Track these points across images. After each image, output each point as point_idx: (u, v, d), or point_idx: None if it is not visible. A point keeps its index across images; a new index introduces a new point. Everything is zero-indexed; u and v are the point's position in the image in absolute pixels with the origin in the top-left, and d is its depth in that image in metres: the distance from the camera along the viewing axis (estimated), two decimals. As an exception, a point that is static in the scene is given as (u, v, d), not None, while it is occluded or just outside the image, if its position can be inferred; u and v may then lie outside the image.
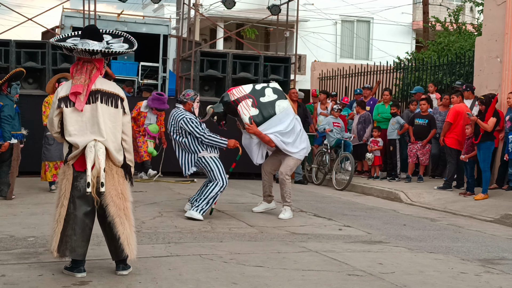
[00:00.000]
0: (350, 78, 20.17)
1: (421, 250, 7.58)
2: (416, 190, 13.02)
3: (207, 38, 35.54)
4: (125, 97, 5.89)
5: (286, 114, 9.54)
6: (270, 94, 9.56)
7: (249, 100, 9.38)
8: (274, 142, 9.45)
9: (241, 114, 9.33)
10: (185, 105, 9.31)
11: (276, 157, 9.88)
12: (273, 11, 18.63)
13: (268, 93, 9.55)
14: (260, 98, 9.45)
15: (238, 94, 9.45)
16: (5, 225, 8.10)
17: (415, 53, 23.67)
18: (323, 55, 31.87)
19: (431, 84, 15.72)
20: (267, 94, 9.54)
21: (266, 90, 9.59)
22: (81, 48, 5.62)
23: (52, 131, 5.85)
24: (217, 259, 6.56)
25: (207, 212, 9.14)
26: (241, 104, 9.35)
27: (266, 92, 9.55)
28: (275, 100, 9.51)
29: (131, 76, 17.74)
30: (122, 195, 5.75)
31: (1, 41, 14.81)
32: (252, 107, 9.36)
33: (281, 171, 9.74)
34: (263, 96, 9.49)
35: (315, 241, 7.89)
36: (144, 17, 19.99)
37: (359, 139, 15.55)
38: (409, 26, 35.53)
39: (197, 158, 9.19)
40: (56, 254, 5.66)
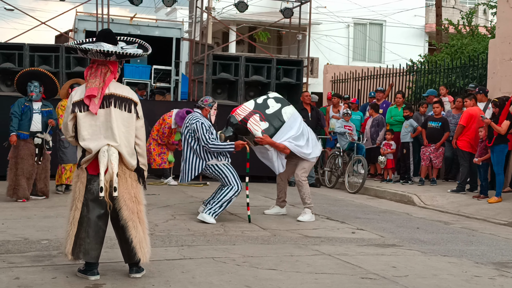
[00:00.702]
0: (362, 81, 20.12)
1: (434, 254, 7.55)
2: (429, 193, 12.97)
3: (219, 41, 35.59)
4: (138, 101, 5.90)
5: (294, 119, 9.63)
6: (274, 104, 9.62)
7: (256, 116, 9.42)
8: (289, 148, 9.48)
9: (252, 131, 9.35)
10: (203, 110, 9.35)
11: (291, 162, 9.90)
12: (285, 14, 18.64)
13: (271, 104, 9.61)
14: (266, 110, 9.51)
15: (243, 113, 9.46)
16: (19, 228, 8.13)
17: (428, 55, 23.58)
18: (336, 58, 31.83)
19: (443, 87, 15.66)
20: (271, 105, 9.59)
21: (269, 101, 9.65)
22: (95, 50, 5.64)
23: (67, 135, 5.88)
24: (230, 262, 6.56)
25: (224, 217, 9.15)
26: (249, 121, 9.37)
27: (269, 104, 9.61)
28: (280, 108, 9.58)
29: (144, 79, 17.80)
30: (135, 198, 5.77)
31: (15, 45, 14.91)
32: (261, 121, 9.39)
33: (297, 174, 9.78)
34: (268, 108, 9.55)
35: (328, 244, 7.87)
36: (157, 21, 20.07)
37: (372, 142, 15.50)
38: (422, 29, 35.42)
39: (205, 165, 9.19)
40: (70, 256, 5.68)
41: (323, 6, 31.81)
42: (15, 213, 9.38)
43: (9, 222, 8.54)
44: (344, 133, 14.91)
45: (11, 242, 7.16)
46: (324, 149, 16.18)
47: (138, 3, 17.37)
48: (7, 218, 8.92)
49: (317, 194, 13.58)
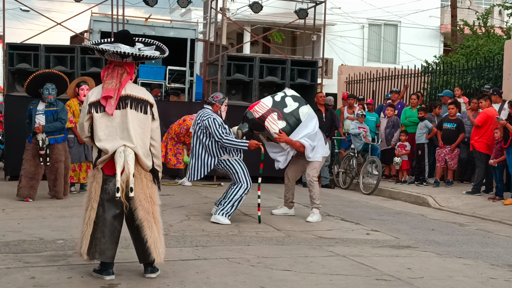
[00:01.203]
0: (377, 82, 20.08)
1: (449, 255, 7.52)
2: (444, 194, 12.92)
3: (234, 42, 35.62)
4: (154, 103, 5.92)
5: (310, 118, 9.69)
6: (292, 103, 9.62)
7: (274, 114, 9.43)
8: (304, 147, 9.51)
9: (269, 129, 9.37)
10: (213, 106, 9.35)
11: (299, 162, 9.94)
12: (300, 15, 18.61)
13: (289, 103, 9.61)
14: (284, 109, 9.52)
15: (261, 110, 9.47)
16: (35, 227, 8.17)
17: (443, 56, 23.51)
18: (350, 59, 31.77)
19: (457, 88, 15.60)
20: (289, 104, 9.60)
21: (286, 99, 9.64)
22: (112, 51, 5.66)
23: (83, 136, 5.90)
24: (244, 263, 6.56)
25: (239, 218, 9.15)
26: (267, 120, 9.39)
27: (287, 102, 9.61)
28: (297, 108, 9.60)
29: (158, 80, 17.84)
30: (150, 198, 5.79)
31: (30, 46, 14.98)
32: (279, 120, 9.40)
33: (308, 174, 9.81)
34: (286, 107, 9.55)
35: (343, 245, 7.86)
36: (171, 22, 20.07)
37: (387, 143, 15.46)
38: (437, 30, 35.31)
39: (217, 162, 9.19)
40: (86, 256, 5.70)
41: (338, 7, 31.77)
42: (31, 213, 9.43)
43: (25, 222, 8.58)
44: (359, 134, 14.88)
45: (26, 242, 7.20)
46: (338, 150, 16.17)
47: (153, 4, 17.41)
48: (22, 218, 8.97)
49: (332, 195, 13.56)
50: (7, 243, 7.10)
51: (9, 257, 6.44)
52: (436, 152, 14.26)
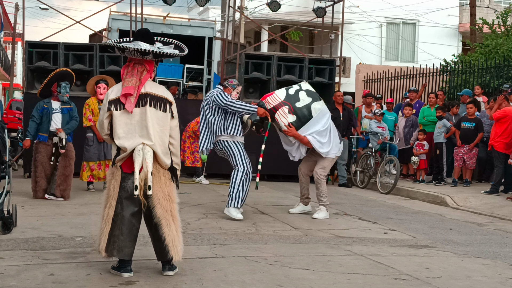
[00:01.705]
0: (395, 81, 20.02)
1: (468, 255, 7.49)
2: (462, 194, 12.86)
3: (251, 41, 35.63)
4: (173, 101, 5.93)
5: (322, 115, 9.67)
6: (305, 98, 9.57)
7: (285, 107, 9.43)
8: (311, 143, 9.50)
9: (279, 122, 9.39)
10: (225, 89, 9.47)
11: (312, 158, 9.95)
12: (318, 13, 18.60)
13: (302, 97, 9.56)
14: (296, 103, 9.49)
15: (273, 102, 9.48)
16: (54, 224, 8.23)
17: (462, 55, 23.39)
18: (368, 58, 31.69)
19: (478, 87, 15.51)
20: (302, 98, 9.55)
21: (300, 93, 9.59)
22: (133, 48, 5.69)
23: (102, 133, 5.93)
24: (262, 261, 6.57)
25: (256, 216, 9.16)
26: (278, 112, 9.40)
27: (300, 96, 9.56)
28: (310, 103, 9.54)
29: (176, 78, 17.90)
30: (168, 196, 5.81)
31: (50, 44, 15.07)
32: (289, 114, 9.41)
33: (316, 171, 9.87)
34: (298, 101, 9.51)
35: (360, 244, 7.85)
36: (189, 20, 20.14)
37: (406, 143, 15.40)
38: (456, 29, 35.12)
39: (215, 139, 9.32)
40: (104, 253, 5.73)
41: (356, 5, 31.68)
42: (50, 210, 9.49)
43: (44, 219, 8.64)
44: (377, 133, 14.84)
45: (45, 239, 7.25)
46: (356, 149, 16.14)
47: (171, 3, 17.46)
48: (41, 215, 9.03)
49: (349, 194, 13.54)
50: (26, 240, 7.15)
51: (28, 254, 6.49)
52: (454, 151, 14.19)
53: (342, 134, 14.98)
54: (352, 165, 16.10)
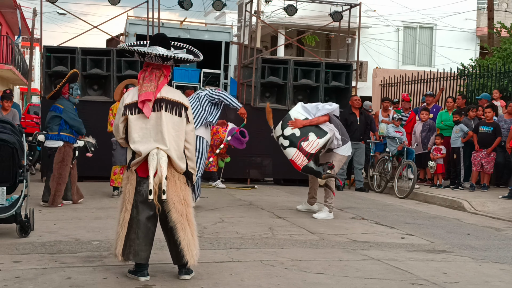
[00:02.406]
0: (412, 85, 19.95)
1: (486, 260, 7.43)
2: (480, 199, 12.77)
3: (268, 45, 35.66)
4: (189, 106, 5.95)
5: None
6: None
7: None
8: (328, 116, 9.94)
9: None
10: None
11: (323, 159, 10.14)
12: (335, 17, 18.56)
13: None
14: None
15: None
16: (71, 228, 8.26)
17: (480, 59, 23.27)
18: (385, 62, 31.61)
19: (496, 91, 15.42)
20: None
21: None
22: (155, 54, 5.71)
23: (117, 137, 5.96)
24: (278, 266, 6.56)
25: (272, 221, 9.13)
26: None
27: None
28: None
29: (193, 82, 17.90)
30: (184, 200, 5.82)
31: (67, 48, 15.14)
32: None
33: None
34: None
35: (377, 249, 7.81)
36: (206, 25, 20.14)
37: (423, 147, 15.32)
38: (473, 33, 34.96)
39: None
40: (121, 257, 5.75)
41: (373, 9, 31.62)
42: (67, 214, 9.54)
43: (61, 223, 8.68)
44: (394, 137, 14.77)
45: (62, 243, 7.28)
46: (373, 153, 16.09)
47: (188, 7, 17.49)
48: (59, 219, 9.07)
49: (366, 199, 13.50)
50: (43, 244, 7.19)
51: (46, 258, 6.52)
52: (472, 156, 14.11)
53: (359, 139, 14.97)
54: (369, 169, 16.05)
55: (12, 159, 7.65)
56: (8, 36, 31.68)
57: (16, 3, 30.38)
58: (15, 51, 32.98)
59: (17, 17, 31.91)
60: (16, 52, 33.64)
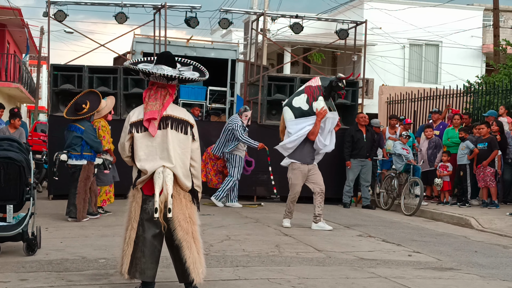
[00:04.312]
0: (418, 102, 19.94)
1: (493, 278, 7.40)
2: (487, 216, 12.73)
3: (274, 63, 35.73)
4: (195, 123, 5.96)
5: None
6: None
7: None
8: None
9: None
10: (240, 115, 13.64)
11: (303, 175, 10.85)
12: (340, 35, 18.62)
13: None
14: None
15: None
16: (77, 246, 8.26)
17: (486, 76, 23.25)
18: (391, 79, 31.63)
19: (502, 107, 15.42)
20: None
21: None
22: (159, 74, 5.73)
23: (123, 155, 5.97)
24: (285, 283, 6.54)
25: (279, 239, 9.11)
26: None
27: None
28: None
29: (199, 100, 17.96)
30: (190, 218, 5.81)
31: (74, 67, 15.22)
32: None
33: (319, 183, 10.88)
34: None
35: (384, 267, 7.79)
36: (212, 43, 20.24)
37: (430, 164, 15.29)
38: (479, 50, 34.99)
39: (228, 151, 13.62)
40: (127, 276, 5.74)
41: (379, 27, 31.71)
42: (73, 232, 9.54)
43: (68, 241, 8.68)
44: (401, 155, 14.74)
45: (69, 261, 7.28)
46: (380, 170, 16.07)
47: (195, 26, 17.58)
48: (65, 236, 9.08)
49: (373, 216, 13.46)
50: (50, 262, 7.19)
51: (52, 276, 6.52)
52: (476, 173, 14.12)
53: (366, 156, 14.96)
54: (376, 186, 16.02)
55: (19, 177, 7.68)
56: (16, 55, 31.84)
57: (24, 22, 30.56)
58: (23, 70, 33.13)
59: (25, 36, 32.10)
60: (24, 70, 33.79)
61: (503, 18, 34.69)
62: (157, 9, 17.00)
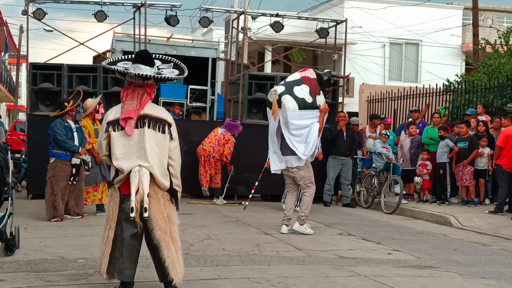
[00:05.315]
0: (398, 101, 20.01)
1: (472, 276, 7.44)
2: (466, 214, 12.81)
3: (255, 61, 35.70)
4: (173, 122, 5.93)
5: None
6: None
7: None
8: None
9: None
10: None
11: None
12: (321, 34, 18.64)
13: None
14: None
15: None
16: (56, 246, 8.22)
17: (465, 75, 23.38)
18: (371, 78, 31.72)
19: (480, 106, 15.51)
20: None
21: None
22: (134, 73, 5.71)
23: (101, 154, 5.95)
24: (265, 283, 6.54)
25: (260, 237, 9.12)
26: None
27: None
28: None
29: (180, 99, 17.90)
30: (168, 218, 5.79)
31: (53, 65, 15.13)
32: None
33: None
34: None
35: (364, 265, 7.81)
36: (193, 41, 20.18)
37: (412, 164, 15.31)
38: (459, 49, 35.19)
39: None
40: (106, 276, 5.72)
41: (359, 26, 31.78)
42: (52, 232, 9.48)
43: (47, 241, 8.63)
44: (381, 153, 14.79)
45: (48, 261, 7.24)
46: (360, 169, 16.11)
47: (175, 24, 17.53)
48: (44, 236, 9.02)
49: (353, 215, 13.50)
50: (28, 262, 7.14)
51: (31, 276, 6.48)
52: (455, 171, 14.19)
53: (346, 154, 14.98)
54: (356, 185, 16.06)
55: (-4, 176, 7.60)
56: (-5, 53, 31.60)
57: (3, 20, 30.32)
58: (2, 68, 32.92)
59: (3, 34, 31.85)
60: (3, 69, 33.57)
61: (482, 17, 34.89)
62: (137, 7, 16.93)
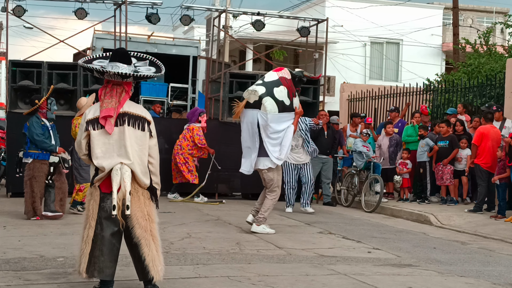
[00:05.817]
0: (379, 100, 20.08)
1: (451, 274, 7.49)
2: (446, 213, 12.88)
3: (236, 60, 35.69)
4: (152, 120, 5.93)
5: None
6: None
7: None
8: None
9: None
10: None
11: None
12: (302, 33, 18.68)
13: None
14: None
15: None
16: (36, 245, 8.17)
17: (445, 74, 23.51)
18: (352, 77, 31.81)
19: (460, 105, 15.60)
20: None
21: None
22: (113, 72, 5.68)
23: (80, 153, 5.92)
24: (245, 281, 6.54)
25: (240, 236, 9.12)
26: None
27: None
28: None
29: (160, 97, 17.85)
30: (148, 216, 5.79)
31: (33, 63, 15.03)
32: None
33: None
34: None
35: (344, 263, 7.83)
36: (174, 39, 20.16)
37: (391, 162, 15.38)
38: (439, 48, 35.37)
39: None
40: (85, 275, 5.70)
41: (340, 25, 31.85)
42: (32, 230, 9.42)
43: (26, 239, 8.58)
44: (361, 152, 14.83)
45: (27, 259, 7.20)
46: (340, 168, 16.14)
47: (156, 22, 17.49)
48: (23, 235, 8.96)
49: (333, 213, 13.54)
50: (7, 261, 7.09)
51: (9, 275, 6.44)
52: (435, 170, 14.26)
53: (326, 153, 14.99)
54: (336, 183, 16.10)
55: (-25, 174, 7.55)
56: (-26, 50, 31.33)
57: (-18, 17, 30.09)
58: (-19, 65, 32.61)
59: (-18, 31, 31.61)
60: (-18, 66, 33.26)
61: (462, 17, 35.11)
62: (118, 5, 16.87)
